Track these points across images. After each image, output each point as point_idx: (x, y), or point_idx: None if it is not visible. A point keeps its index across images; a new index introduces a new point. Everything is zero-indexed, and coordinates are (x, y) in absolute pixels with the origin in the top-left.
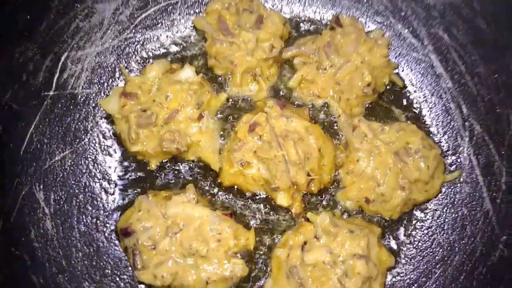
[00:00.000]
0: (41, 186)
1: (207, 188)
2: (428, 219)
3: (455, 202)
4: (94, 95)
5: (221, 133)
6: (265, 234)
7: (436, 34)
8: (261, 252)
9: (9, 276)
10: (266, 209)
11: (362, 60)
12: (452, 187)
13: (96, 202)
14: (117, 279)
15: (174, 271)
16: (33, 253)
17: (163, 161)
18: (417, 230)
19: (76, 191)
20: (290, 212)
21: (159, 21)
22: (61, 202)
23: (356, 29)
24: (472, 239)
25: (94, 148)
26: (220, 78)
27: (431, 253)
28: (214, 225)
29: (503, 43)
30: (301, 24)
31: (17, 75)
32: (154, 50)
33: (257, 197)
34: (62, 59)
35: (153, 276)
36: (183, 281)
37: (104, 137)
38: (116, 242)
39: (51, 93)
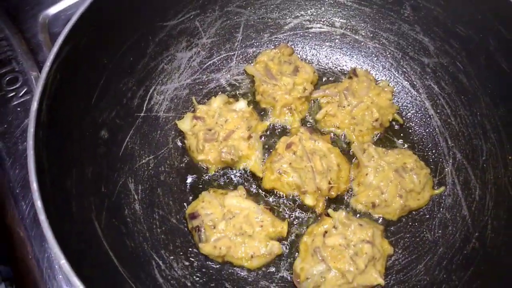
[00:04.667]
0: (133, 180)
1: (252, 190)
2: (420, 221)
3: (441, 209)
4: (171, 118)
5: (264, 149)
6: (294, 226)
7: (429, 85)
8: (292, 239)
9: (113, 238)
10: (297, 208)
11: (372, 101)
12: (438, 199)
13: (171, 195)
14: (184, 250)
15: (228, 246)
16: (126, 225)
17: (220, 168)
18: (412, 229)
19: (156, 185)
20: (314, 211)
21: (220, 67)
22: (146, 192)
23: (368, 79)
24: (453, 235)
25: (169, 157)
26: (263, 111)
27: (421, 245)
28: (258, 215)
29: (478, 93)
30: (326, 74)
31: (120, 100)
32: (215, 88)
33: (290, 198)
34: (151, 90)
35: (213, 247)
36: (234, 254)
37: (176, 149)
38: (184, 225)
39: (142, 114)
